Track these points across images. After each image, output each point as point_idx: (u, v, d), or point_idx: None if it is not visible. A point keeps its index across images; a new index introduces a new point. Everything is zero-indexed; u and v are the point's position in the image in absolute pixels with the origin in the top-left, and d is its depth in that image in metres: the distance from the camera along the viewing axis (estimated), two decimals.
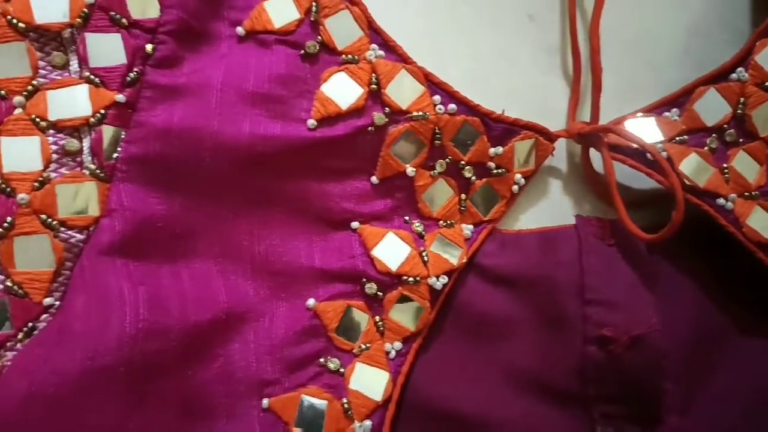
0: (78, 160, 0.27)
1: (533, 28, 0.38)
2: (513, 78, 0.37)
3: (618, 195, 0.32)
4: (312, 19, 0.30)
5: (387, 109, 0.30)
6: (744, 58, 0.34)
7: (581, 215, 0.33)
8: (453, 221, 0.32)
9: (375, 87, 0.30)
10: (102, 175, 0.27)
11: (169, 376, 0.27)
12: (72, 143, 0.27)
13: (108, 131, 0.27)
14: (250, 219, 0.30)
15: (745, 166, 0.34)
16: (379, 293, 0.30)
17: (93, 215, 0.27)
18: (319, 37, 0.30)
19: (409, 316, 0.30)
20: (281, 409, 0.28)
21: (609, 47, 0.35)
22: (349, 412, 0.29)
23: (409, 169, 0.31)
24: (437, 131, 0.31)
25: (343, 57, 0.31)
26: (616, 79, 0.35)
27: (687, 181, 0.32)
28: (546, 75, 0.37)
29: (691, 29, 0.38)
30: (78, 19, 0.28)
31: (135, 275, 0.27)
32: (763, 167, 0.34)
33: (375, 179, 0.31)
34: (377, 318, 0.30)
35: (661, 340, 0.31)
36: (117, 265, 0.27)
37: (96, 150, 0.27)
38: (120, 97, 0.28)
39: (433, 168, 0.32)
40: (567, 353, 0.31)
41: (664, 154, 0.32)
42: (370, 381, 0.30)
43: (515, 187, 0.33)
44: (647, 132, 0.33)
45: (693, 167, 0.32)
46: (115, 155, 0.28)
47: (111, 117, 0.27)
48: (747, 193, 0.33)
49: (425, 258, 0.31)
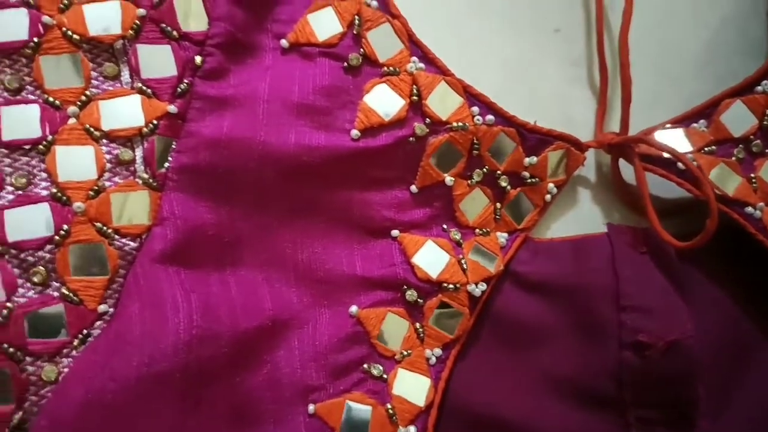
0: (131, 169, 0.28)
1: (559, 41, 0.39)
2: (540, 89, 0.38)
3: (651, 204, 0.32)
4: (355, 32, 0.31)
5: (427, 120, 0.31)
6: None
7: (613, 224, 0.34)
8: (488, 229, 0.33)
9: (416, 98, 0.31)
10: (154, 184, 0.28)
11: (220, 382, 0.27)
12: (125, 153, 0.28)
13: (159, 141, 0.28)
14: (293, 227, 0.30)
15: None
16: (420, 300, 0.31)
17: (146, 223, 0.27)
18: (362, 50, 0.31)
19: (449, 322, 0.31)
20: (327, 415, 0.29)
21: (632, 60, 0.36)
22: (394, 417, 0.29)
23: (448, 179, 0.32)
24: (475, 142, 0.32)
25: (385, 69, 0.31)
26: (639, 91, 0.36)
27: (717, 191, 0.33)
28: (572, 86, 0.38)
29: (712, 42, 0.40)
30: (130, 31, 0.28)
31: (186, 283, 0.28)
32: None
33: (414, 188, 0.32)
34: (417, 325, 0.31)
35: (695, 345, 0.31)
36: (169, 273, 0.27)
37: (149, 159, 0.28)
38: (172, 108, 0.28)
39: (471, 177, 0.32)
40: (603, 359, 0.32)
41: (694, 164, 0.33)
42: (412, 387, 0.30)
43: (548, 196, 0.34)
44: (676, 143, 0.34)
45: (722, 177, 0.33)
46: (166, 165, 0.28)
47: (162, 127, 0.28)
48: None
49: (464, 265, 0.31)
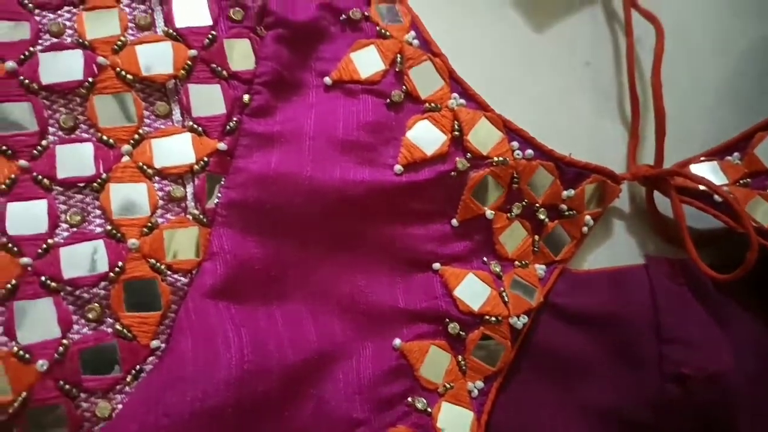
0: (182, 205, 0.28)
1: (590, 74, 0.40)
2: (571, 121, 0.38)
3: (689, 236, 0.33)
4: (397, 70, 0.32)
5: (469, 155, 0.32)
6: None
7: (651, 255, 0.35)
8: (527, 261, 0.33)
9: (457, 134, 0.32)
10: (204, 220, 0.28)
11: (270, 416, 0.27)
12: (177, 189, 0.28)
13: (209, 177, 0.28)
14: (336, 261, 0.31)
15: None
16: (462, 333, 0.31)
17: (196, 259, 0.28)
18: (404, 87, 0.32)
19: (491, 355, 0.31)
20: None
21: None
22: None
23: (488, 212, 0.32)
24: (515, 175, 0.32)
25: (426, 105, 0.32)
26: (669, 124, 0.36)
27: (754, 223, 0.33)
28: (602, 118, 0.39)
29: (739, 72, 0.40)
30: (182, 71, 0.29)
31: (236, 317, 0.28)
32: None
33: (455, 222, 0.32)
34: (460, 357, 0.31)
35: (735, 377, 0.32)
36: (220, 308, 0.28)
37: (199, 196, 0.28)
38: (222, 146, 0.29)
39: (510, 210, 0.33)
40: (643, 390, 0.32)
41: (731, 197, 0.34)
42: (456, 420, 0.30)
43: (585, 228, 0.34)
44: (711, 175, 0.35)
45: (757, 209, 0.34)
46: (215, 200, 0.28)
47: (212, 164, 0.29)
48: None
49: (505, 298, 0.32)
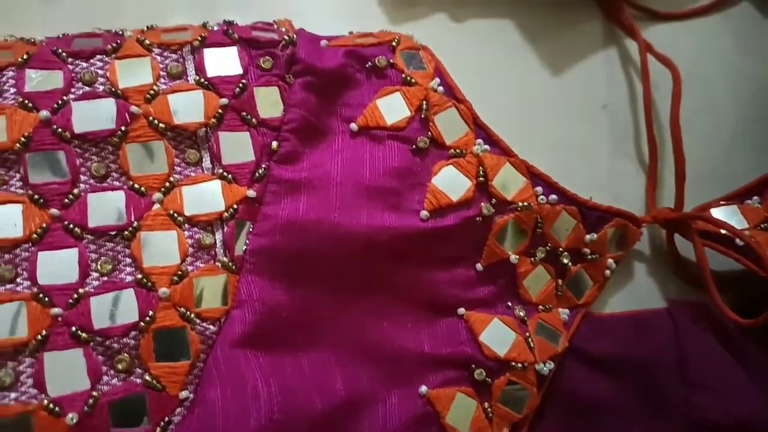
0: (212, 253, 0.28)
1: (606, 117, 0.40)
2: (589, 164, 0.39)
3: (711, 280, 0.33)
4: (422, 116, 0.32)
5: (494, 200, 0.32)
6: None
7: (673, 299, 0.35)
8: (551, 305, 0.33)
9: (482, 179, 0.32)
10: (233, 267, 0.28)
11: None
12: (207, 237, 0.28)
13: (238, 224, 0.28)
14: (362, 307, 0.31)
15: None
16: (488, 379, 0.31)
17: (225, 307, 0.28)
18: (429, 133, 0.32)
19: (517, 401, 0.31)
20: None
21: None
22: None
23: (513, 257, 0.32)
24: (539, 220, 0.33)
25: (452, 151, 0.32)
26: (687, 167, 0.37)
27: None
28: (620, 161, 0.39)
29: (754, 116, 0.41)
30: (213, 119, 0.29)
31: (265, 366, 0.28)
32: None
33: (480, 266, 0.32)
34: (486, 404, 0.31)
35: (763, 422, 0.31)
36: (248, 357, 0.27)
37: (228, 243, 0.28)
38: (251, 193, 0.29)
39: (534, 255, 0.33)
40: None
41: (752, 240, 0.34)
42: None
43: (607, 272, 0.34)
44: (731, 219, 0.35)
45: None
46: (244, 248, 0.28)
47: (241, 211, 0.29)
48: None
49: (531, 344, 0.32)
